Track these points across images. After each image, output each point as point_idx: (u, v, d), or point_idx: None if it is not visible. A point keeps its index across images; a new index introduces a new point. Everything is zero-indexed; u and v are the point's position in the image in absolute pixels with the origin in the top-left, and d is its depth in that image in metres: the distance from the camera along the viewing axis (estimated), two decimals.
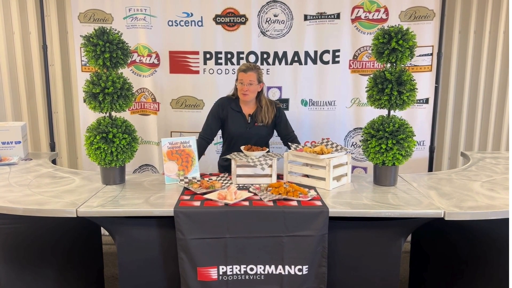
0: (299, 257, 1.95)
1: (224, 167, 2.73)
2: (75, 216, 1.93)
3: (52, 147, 3.31)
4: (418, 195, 2.13)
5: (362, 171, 3.35)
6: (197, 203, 1.99)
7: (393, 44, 2.11)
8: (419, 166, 3.29)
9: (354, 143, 3.28)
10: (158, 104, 3.25)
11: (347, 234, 2.03)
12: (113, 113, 2.31)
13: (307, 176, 2.35)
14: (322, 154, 2.24)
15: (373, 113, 3.16)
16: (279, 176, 2.40)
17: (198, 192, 2.12)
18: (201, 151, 2.67)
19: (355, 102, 3.23)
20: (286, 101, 3.23)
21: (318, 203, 1.99)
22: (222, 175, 2.46)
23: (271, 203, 1.98)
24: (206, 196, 2.05)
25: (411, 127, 2.25)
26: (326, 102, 3.22)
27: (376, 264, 2.03)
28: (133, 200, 2.06)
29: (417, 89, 2.22)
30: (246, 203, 1.99)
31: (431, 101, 3.20)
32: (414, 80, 2.21)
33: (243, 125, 2.66)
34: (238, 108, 2.66)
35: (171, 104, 3.26)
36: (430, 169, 3.31)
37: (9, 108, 3.44)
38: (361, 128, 3.22)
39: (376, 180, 2.33)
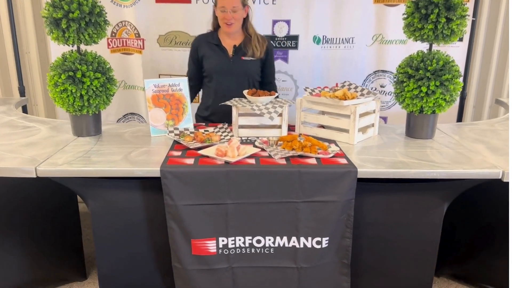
0: (317, 228, 1.57)
1: (204, 117, 2.26)
2: (35, 176, 1.51)
3: (22, 91, 2.83)
4: (464, 150, 1.72)
5: (381, 121, 2.91)
6: (190, 161, 1.57)
7: None
8: (446, 115, 2.85)
9: (373, 88, 2.82)
10: (142, 41, 2.75)
11: (377, 198, 1.64)
12: (83, 47, 1.83)
13: (323, 127, 1.93)
14: (346, 99, 1.80)
15: (399, 52, 2.70)
16: (290, 128, 1.97)
17: (191, 147, 1.69)
18: (192, 95, 2.23)
19: (378, 39, 2.73)
20: (295, 38, 2.72)
21: (343, 160, 1.58)
22: (221, 125, 2.02)
23: (283, 161, 1.56)
24: (201, 152, 1.63)
25: (457, 66, 1.80)
26: (343, 40, 2.72)
27: (412, 234, 1.66)
28: (109, 156, 1.64)
29: (468, 15, 1.74)
30: (252, 161, 1.57)
31: (466, 38, 2.70)
32: (466, 4, 1.73)
33: (224, 59, 2.15)
34: (216, 41, 2.16)
35: (158, 41, 2.75)
36: (459, 119, 2.88)
37: None
38: (383, 71, 2.76)
39: (409, 131, 1.91)
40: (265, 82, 2.27)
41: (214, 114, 2.19)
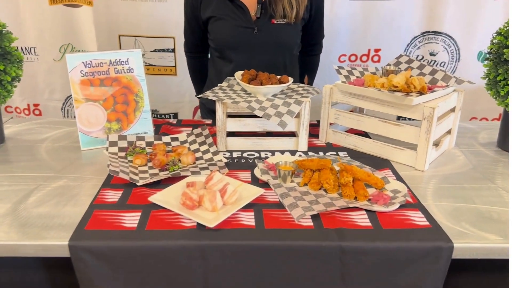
0: None
1: (213, 111, 1.35)
2: None
3: None
4: None
5: None
6: (132, 220, 0.83)
7: None
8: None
9: (420, 58, 2.03)
10: None
11: (470, 280, 0.92)
12: None
13: (366, 135, 1.19)
14: (411, 91, 1.04)
15: (459, 7, 1.90)
16: (310, 132, 1.21)
17: (139, 183, 0.94)
18: (198, 74, 1.58)
19: None
20: None
21: (419, 218, 0.85)
22: (200, 129, 1.24)
23: (308, 222, 0.83)
24: (153, 199, 0.88)
25: None
26: None
27: None
28: None
29: None
30: (249, 218, 0.84)
31: None
32: None
33: (244, 25, 1.35)
34: None
35: None
36: None
37: None
38: (435, 33, 1.97)
39: (506, 142, 1.16)
40: (311, 44, 1.54)
41: None
